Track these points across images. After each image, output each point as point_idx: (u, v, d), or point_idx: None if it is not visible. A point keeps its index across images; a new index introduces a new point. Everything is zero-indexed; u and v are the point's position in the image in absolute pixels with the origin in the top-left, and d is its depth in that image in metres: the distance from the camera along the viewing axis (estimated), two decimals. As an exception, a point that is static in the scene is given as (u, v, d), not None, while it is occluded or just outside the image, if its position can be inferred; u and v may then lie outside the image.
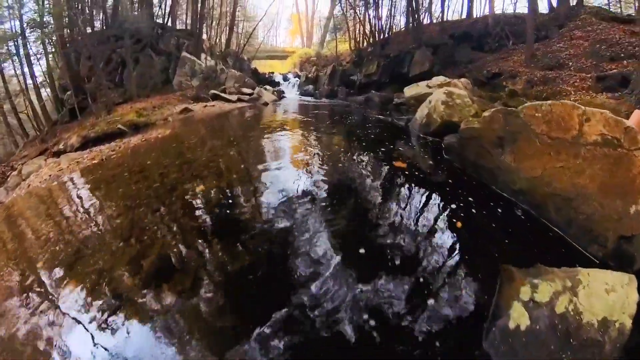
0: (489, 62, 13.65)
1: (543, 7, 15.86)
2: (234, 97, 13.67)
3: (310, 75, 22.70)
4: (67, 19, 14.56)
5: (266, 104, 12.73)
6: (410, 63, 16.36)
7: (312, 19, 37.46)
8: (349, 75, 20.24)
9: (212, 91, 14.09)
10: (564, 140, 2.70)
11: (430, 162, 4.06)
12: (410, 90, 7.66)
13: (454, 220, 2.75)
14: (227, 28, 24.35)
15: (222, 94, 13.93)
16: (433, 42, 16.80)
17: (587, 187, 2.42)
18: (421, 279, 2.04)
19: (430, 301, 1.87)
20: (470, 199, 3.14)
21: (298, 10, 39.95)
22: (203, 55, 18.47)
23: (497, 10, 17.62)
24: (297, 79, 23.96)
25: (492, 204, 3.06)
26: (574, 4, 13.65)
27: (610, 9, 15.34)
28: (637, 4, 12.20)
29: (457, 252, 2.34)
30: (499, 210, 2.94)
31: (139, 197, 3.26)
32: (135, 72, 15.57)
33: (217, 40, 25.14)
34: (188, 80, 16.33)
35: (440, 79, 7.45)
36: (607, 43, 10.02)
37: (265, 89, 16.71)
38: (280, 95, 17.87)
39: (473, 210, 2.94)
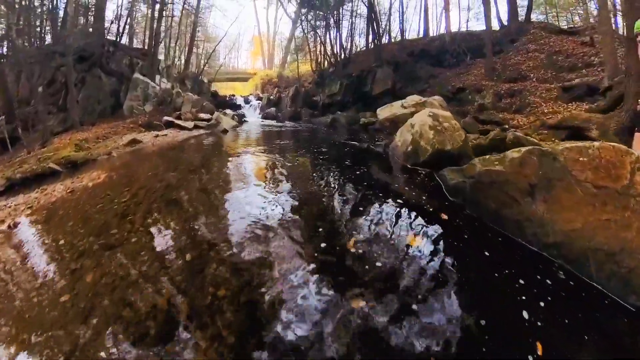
0: (449, 78, 13.80)
1: (494, 24, 16.60)
2: (190, 124, 12.37)
3: (272, 98, 21.94)
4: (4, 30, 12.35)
5: (225, 131, 11.52)
6: (372, 81, 16.30)
7: (274, 40, 37.16)
8: (311, 96, 19.80)
9: (166, 118, 12.67)
10: (612, 190, 2.31)
11: (442, 212, 3.15)
12: (384, 112, 7.02)
13: (492, 291, 2.08)
14: (186, 48, 22.76)
15: (177, 121, 12.55)
16: (394, 60, 16.98)
17: (633, 241, 2.19)
18: None
19: None
20: (498, 256, 2.47)
21: (260, 31, 39.64)
22: (158, 77, 16.85)
23: (452, 29, 18.25)
24: (259, 101, 23.07)
25: (524, 262, 2.45)
26: (523, 20, 14.33)
27: (550, 22, 16.47)
28: (576, 17, 12.95)
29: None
30: (533, 270, 2.36)
31: (42, 325, 2.03)
32: (81, 95, 13.67)
33: (176, 61, 23.54)
34: (140, 105, 14.63)
35: (415, 98, 6.90)
36: (562, 54, 10.34)
37: (225, 113, 15.51)
38: (242, 119, 16.83)
39: (507, 273, 2.28)
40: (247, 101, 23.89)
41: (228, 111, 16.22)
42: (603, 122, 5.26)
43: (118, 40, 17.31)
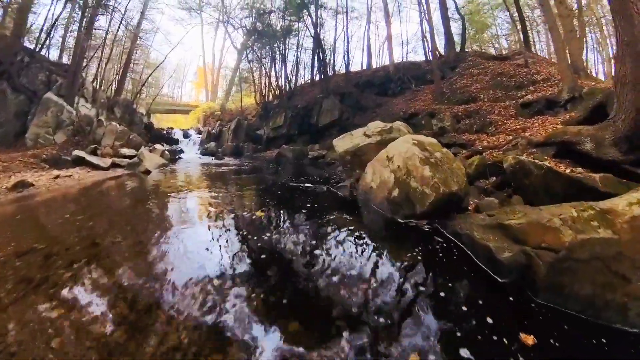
0: (397, 105, 13.41)
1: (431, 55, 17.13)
2: (106, 162, 9.61)
3: (213, 131, 19.65)
4: None
5: (147, 172, 8.99)
6: (319, 112, 15.48)
7: (219, 71, 35.00)
8: (255, 129, 18.25)
9: (77, 153, 9.74)
10: None
11: (500, 315, 1.70)
12: (343, 143, 5.59)
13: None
14: (121, 70, 18.80)
15: (90, 157, 9.64)
16: (339, 91, 16.53)
17: None
18: None
19: None
20: None
21: (205, 62, 37.43)
22: (80, 101, 13.56)
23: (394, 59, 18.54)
24: (199, 135, 20.82)
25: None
26: (459, 50, 14.92)
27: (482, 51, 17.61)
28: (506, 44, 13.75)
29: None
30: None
31: None
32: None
33: (110, 85, 19.02)
34: (49, 134, 11.19)
35: (379, 124, 5.65)
36: (506, 75, 10.38)
37: (154, 149, 12.69)
38: (176, 155, 14.38)
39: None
40: (186, 135, 21.26)
41: (158, 146, 13.42)
42: (595, 134, 4.54)
43: (37, 50, 13.52)
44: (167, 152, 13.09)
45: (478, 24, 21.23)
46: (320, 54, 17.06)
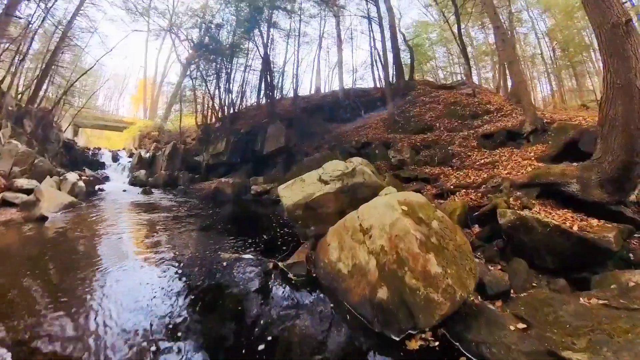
0: (347, 132, 12.63)
1: (381, 83, 17.15)
2: None
3: (145, 156, 16.71)
4: None
5: (44, 218, 6.29)
6: (264, 138, 13.87)
7: (160, 86, 31.10)
8: (193, 155, 16.22)
9: None
10: None
11: None
12: (291, 192, 4.25)
13: None
14: (40, 74, 14.79)
15: None
16: (287, 115, 15.46)
17: None
18: None
19: None
20: None
21: (146, 75, 33.21)
22: None
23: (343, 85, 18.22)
24: (130, 159, 17.60)
25: None
26: (407, 79, 15.09)
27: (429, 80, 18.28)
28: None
29: None
30: None
31: None
32: None
33: (26, 89, 14.98)
34: None
35: (338, 166, 4.49)
36: (459, 105, 10.32)
37: (64, 179, 9.50)
38: (97, 185, 11.58)
39: None
40: (115, 158, 18.07)
41: (71, 176, 9.91)
42: (581, 175, 4.24)
43: None
44: (81, 184, 9.68)
45: (422, 56, 22.60)
46: (269, 76, 16.00)
